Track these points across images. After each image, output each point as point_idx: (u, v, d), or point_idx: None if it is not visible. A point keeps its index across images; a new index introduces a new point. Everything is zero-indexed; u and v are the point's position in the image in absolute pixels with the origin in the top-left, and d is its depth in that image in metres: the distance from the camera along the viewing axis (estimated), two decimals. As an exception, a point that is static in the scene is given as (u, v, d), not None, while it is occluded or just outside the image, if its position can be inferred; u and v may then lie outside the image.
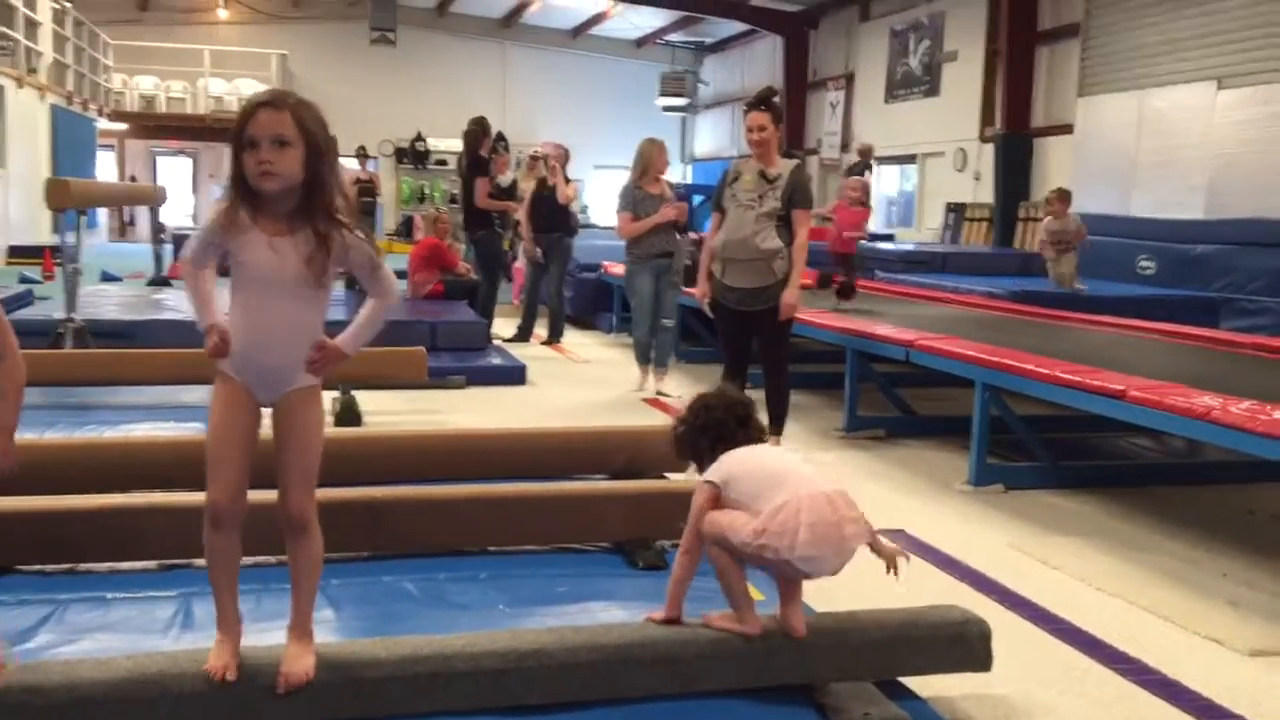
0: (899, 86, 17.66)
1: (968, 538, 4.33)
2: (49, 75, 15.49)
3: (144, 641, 2.71)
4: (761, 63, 21.91)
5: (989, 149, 15.02)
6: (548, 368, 8.17)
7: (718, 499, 2.54)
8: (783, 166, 5.41)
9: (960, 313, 7.55)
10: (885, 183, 18.43)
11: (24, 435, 4.69)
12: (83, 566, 3.24)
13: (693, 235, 9.37)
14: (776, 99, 5.51)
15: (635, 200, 7.23)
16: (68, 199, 6.13)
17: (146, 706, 2.23)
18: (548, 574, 3.37)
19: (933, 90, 16.75)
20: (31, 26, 14.48)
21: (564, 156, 9.84)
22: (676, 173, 24.87)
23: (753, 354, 5.61)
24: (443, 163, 22.98)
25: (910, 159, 17.45)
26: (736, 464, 2.56)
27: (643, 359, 7.43)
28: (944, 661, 2.70)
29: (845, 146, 18.84)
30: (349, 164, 12.06)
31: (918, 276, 10.48)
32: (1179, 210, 11.29)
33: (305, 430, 2.35)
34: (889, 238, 15.97)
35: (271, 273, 2.24)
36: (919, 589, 3.70)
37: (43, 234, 14.75)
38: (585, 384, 7.66)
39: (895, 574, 2.52)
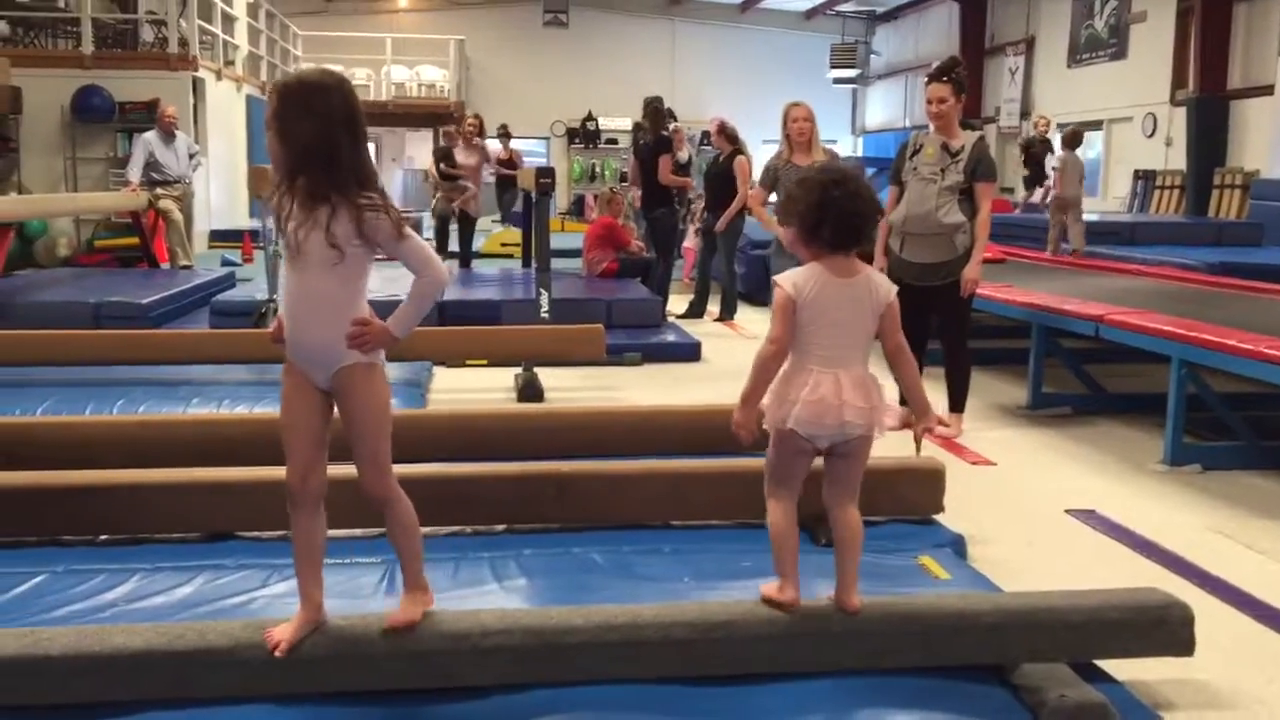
0: (1083, 50, 16.96)
1: (1164, 520, 4.18)
2: (244, 66, 16.29)
3: (354, 604, 2.87)
4: (936, 30, 21.36)
5: (1180, 113, 14.31)
6: (721, 344, 8.19)
7: (794, 310, 2.50)
8: (965, 139, 5.29)
9: (1152, 285, 7.24)
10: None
11: (237, 409, 5.02)
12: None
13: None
14: (960, 70, 5.37)
15: (776, 174, 6.17)
16: (268, 184, 6.46)
17: (365, 662, 2.38)
18: (730, 548, 3.41)
19: (1120, 53, 16.03)
20: (228, 21, 15.25)
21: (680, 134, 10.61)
22: (846, 145, 24.51)
23: (931, 330, 5.52)
24: (613, 142, 23.22)
25: (1095, 125, 16.75)
26: (814, 288, 2.50)
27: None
28: (1144, 645, 2.63)
29: (1025, 114, 18.22)
30: (490, 144, 12.34)
31: (1104, 248, 10.08)
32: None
33: (360, 409, 2.38)
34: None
35: (297, 250, 2.31)
36: (1114, 571, 3.61)
37: (241, 219, 15.57)
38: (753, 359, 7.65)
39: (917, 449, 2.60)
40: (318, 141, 2.26)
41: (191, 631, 2.38)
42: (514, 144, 14.85)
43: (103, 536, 3.34)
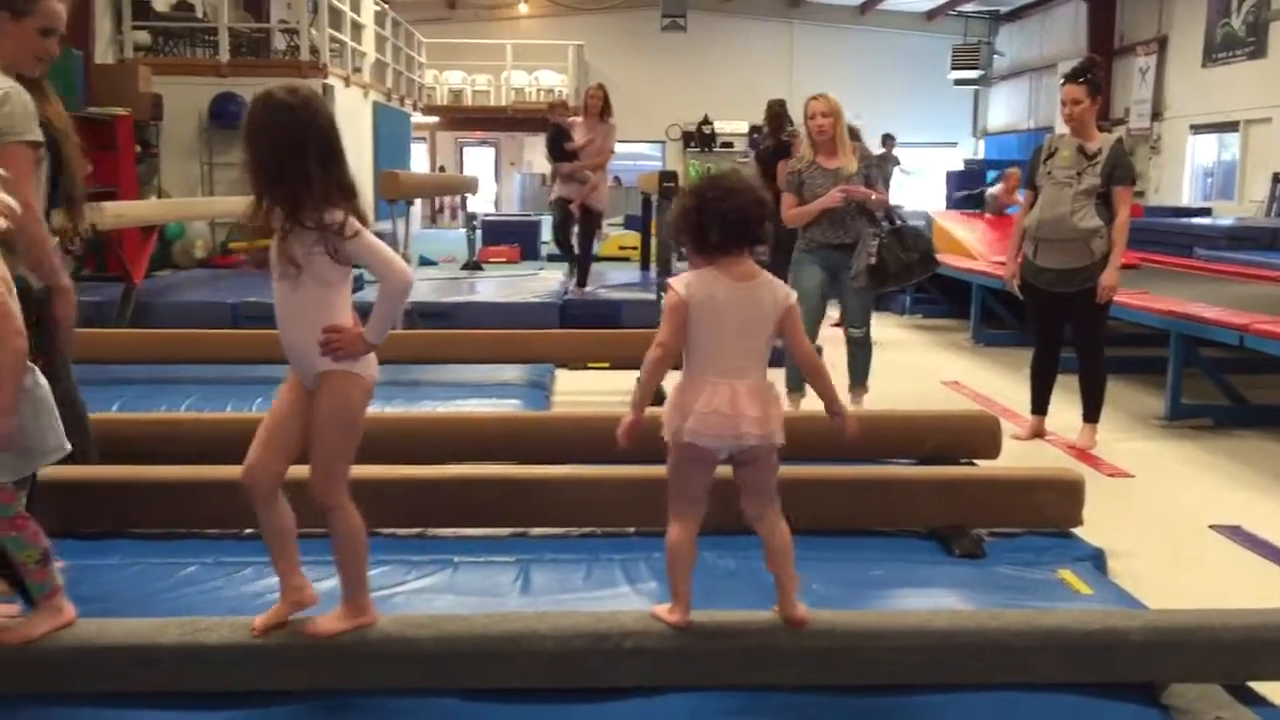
0: (1218, 49, 16.35)
1: (1314, 537, 4.01)
2: (371, 73, 16.69)
3: (489, 603, 2.92)
4: (1062, 29, 20.83)
5: (1326, 113, 13.70)
6: (839, 350, 8.10)
7: (685, 312, 2.42)
8: (1102, 141, 5.15)
9: (1297, 293, 6.95)
10: (1200, 153, 17.16)
11: (369, 408, 5.14)
12: (430, 531, 3.52)
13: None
14: (1097, 71, 5.23)
15: (801, 178, 5.60)
16: (398, 190, 6.62)
17: (503, 660, 2.42)
18: (860, 557, 3.37)
19: (1258, 51, 15.41)
20: (356, 28, 15.64)
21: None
22: (968, 147, 24.08)
23: (1065, 337, 5.39)
24: (729, 145, 23.19)
25: (1231, 127, 16.14)
26: (707, 290, 2.42)
27: (794, 382, 5.51)
28: (1305, 668, 2.52)
29: (1157, 115, 17.66)
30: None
31: (1241, 253, 9.70)
32: None
33: (322, 414, 2.39)
34: (1205, 211, 14.85)
35: (272, 261, 2.37)
36: (1264, 589, 3.48)
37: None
38: (881, 366, 7.53)
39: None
40: (273, 160, 2.31)
41: (340, 625, 2.45)
42: (630, 148, 14.63)
43: (247, 530, 3.46)
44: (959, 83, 23.47)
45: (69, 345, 2.95)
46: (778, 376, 5.87)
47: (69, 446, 2.47)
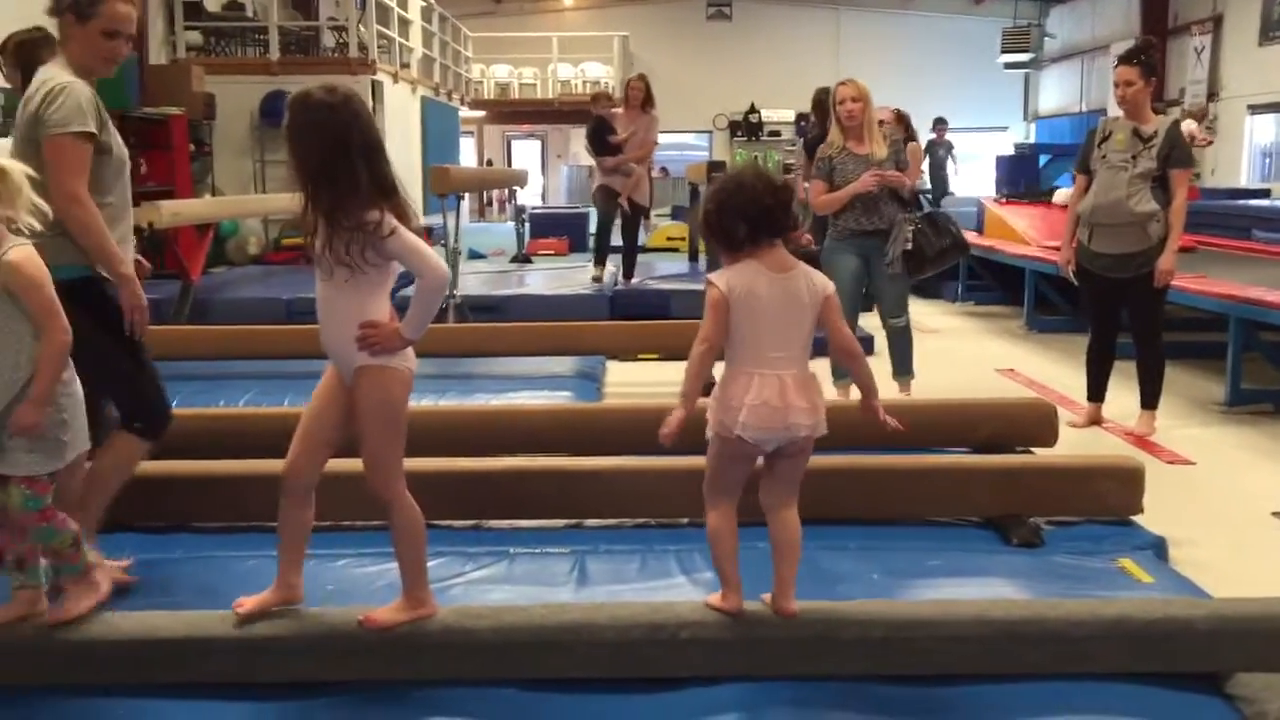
0: (1275, 27, 16.01)
1: (1382, 525, 3.94)
2: (419, 69, 16.80)
3: (545, 593, 2.93)
4: (1114, 10, 20.49)
5: (1389, 90, 13.38)
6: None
7: (726, 306, 2.42)
8: (1158, 123, 5.06)
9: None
10: (1260, 133, 16.82)
11: (422, 402, 5.18)
12: (486, 523, 3.55)
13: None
14: (1152, 53, 5.15)
15: (832, 164, 5.45)
16: (449, 184, 6.67)
17: (562, 650, 2.44)
18: (917, 546, 3.35)
19: (1319, 28, 15.09)
20: (403, 24, 15.74)
21: None
22: (1018, 131, 23.77)
23: (1121, 323, 5.31)
24: (776, 134, 23.08)
25: (1290, 106, 15.82)
26: (747, 284, 2.43)
27: (839, 370, 4.98)
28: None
29: (1212, 96, 17.35)
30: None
31: (1303, 236, 9.51)
32: None
33: (364, 411, 2.44)
34: (1264, 193, 14.57)
35: (316, 261, 2.41)
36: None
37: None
38: (933, 355, 7.49)
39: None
40: (318, 159, 2.35)
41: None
42: (677, 138, 14.47)
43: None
44: (1009, 66, 23.14)
45: (140, 333, 2.98)
46: (822, 367, 5.87)
47: (89, 445, 2.58)
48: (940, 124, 16.20)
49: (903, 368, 5.54)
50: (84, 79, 2.91)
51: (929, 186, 14.77)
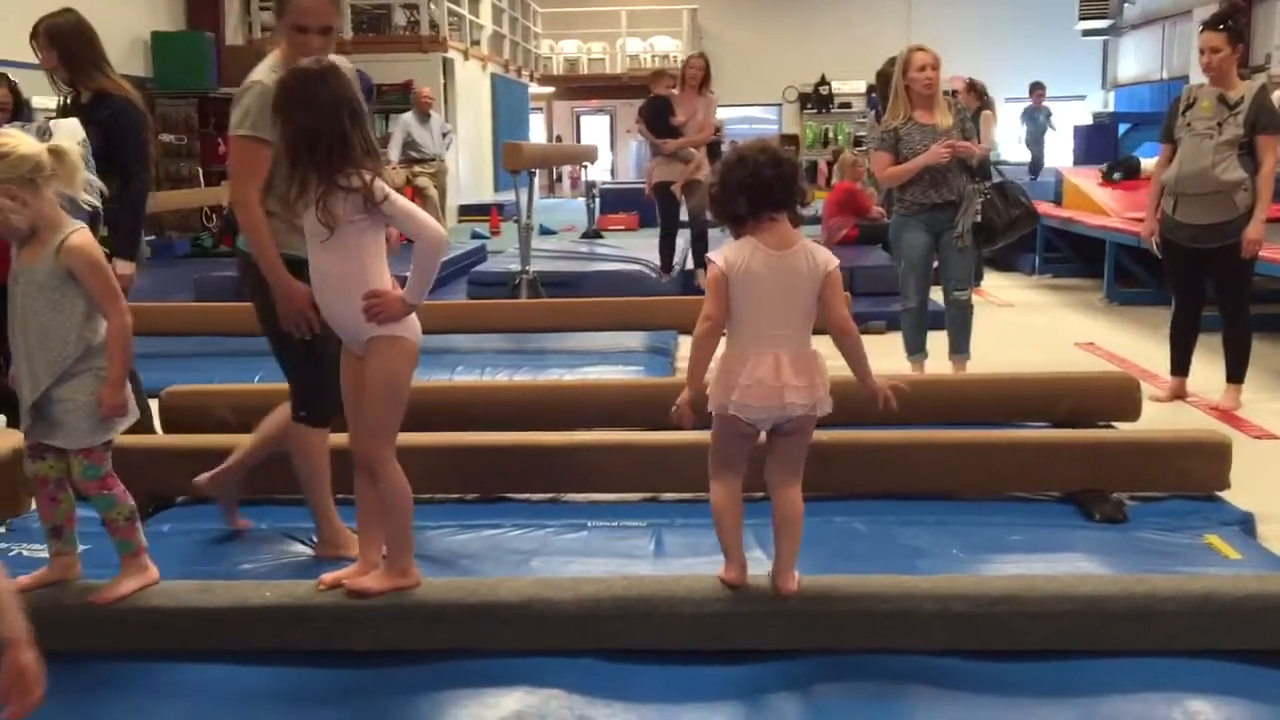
0: (1370, -13, 15.47)
1: None
2: (489, 46, 16.87)
3: (623, 565, 2.95)
4: (1198, -27, 19.91)
5: None
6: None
7: (726, 284, 2.42)
8: (1244, 89, 4.92)
9: None
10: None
11: (497, 377, 5.23)
12: (564, 496, 3.58)
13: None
14: (1239, 18, 4.99)
15: (898, 135, 5.24)
16: (521, 160, 6.69)
17: (641, 621, 2.46)
18: (997, 521, 3.32)
19: None
20: (474, 1, 15.81)
21: None
22: (1096, 99, 23.24)
23: (1206, 295, 5.19)
24: (846, 105, 22.81)
25: (1384, 70, 15.27)
26: (747, 261, 2.42)
27: (913, 344, 5.39)
28: None
29: (1301, 60, 16.80)
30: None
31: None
32: None
33: (373, 378, 2.50)
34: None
35: (310, 233, 2.48)
36: None
37: (486, 193, 16.17)
38: (1009, 328, 7.40)
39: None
40: (312, 125, 2.43)
41: (484, 587, 2.52)
42: (745, 111, 14.24)
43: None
44: (1087, 33, 22.62)
45: (300, 333, 2.90)
46: (895, 342, 5.84)
47: (138, 413, 2.66)
48: (1038, 88, 15.65)
49: (960, 345, 5.38)
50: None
51: (1001, 157, 14.45)
